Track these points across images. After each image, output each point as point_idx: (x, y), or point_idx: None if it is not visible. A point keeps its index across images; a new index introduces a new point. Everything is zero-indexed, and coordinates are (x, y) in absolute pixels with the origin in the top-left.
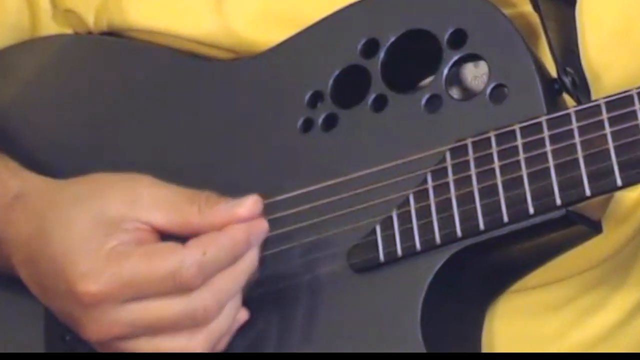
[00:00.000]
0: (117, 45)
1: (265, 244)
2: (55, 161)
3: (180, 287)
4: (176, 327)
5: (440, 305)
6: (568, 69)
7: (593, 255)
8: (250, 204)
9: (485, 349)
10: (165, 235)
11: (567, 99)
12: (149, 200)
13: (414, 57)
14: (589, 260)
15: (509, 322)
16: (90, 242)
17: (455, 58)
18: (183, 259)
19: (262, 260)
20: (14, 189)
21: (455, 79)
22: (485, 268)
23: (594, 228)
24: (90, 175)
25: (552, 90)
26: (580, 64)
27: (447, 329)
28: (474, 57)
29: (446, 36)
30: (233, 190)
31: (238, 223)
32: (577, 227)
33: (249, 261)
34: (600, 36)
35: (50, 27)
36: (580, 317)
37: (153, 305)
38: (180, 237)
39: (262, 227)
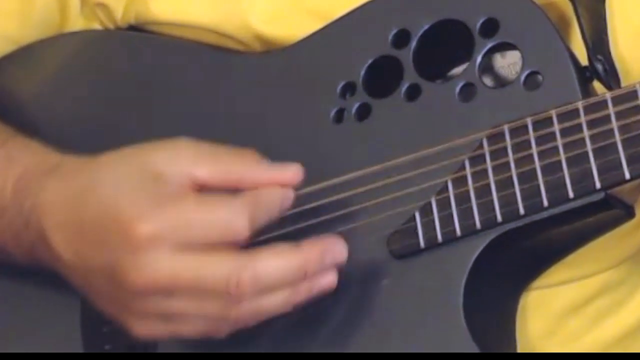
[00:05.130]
0: (145, 40)
1: (306, 233)
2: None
3: (231, 239)
4: (213, 293)
5: (481, 289)
6: (599, 56)
7: (614, 255)
8: (294, 169)
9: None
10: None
11: (598, 87)
12: (192, 154)
13: (446, 47)
14: (610, 260)
15: (535, 320)
16: (142, 190)
17: (489, 46)
18: (236, 210)
19: None
20: (54, 160)
21: (486, 68)
22: (523, 252)
23: (629, 213)
24: None
25: (584, 77)
26: (609, 52)
27: (487, 312)
28: (505, 46)
29: (478, 25)
30: None
31: (279, 184)
32: (614, 211)
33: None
34: (630, 32)
35: (77, 22)
36: (600, 317)
37: (195, 260)
38: None
39: (291, 196)
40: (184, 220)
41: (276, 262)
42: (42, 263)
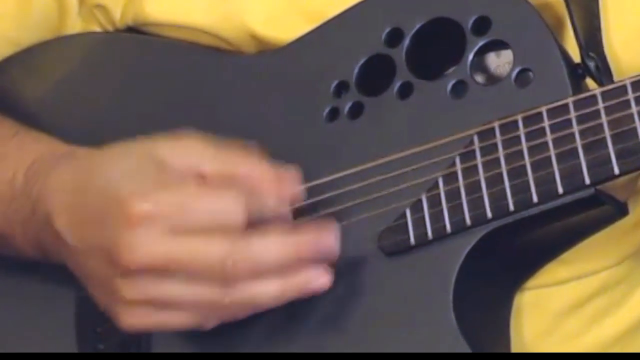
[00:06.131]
0: (144, 43)
1: None
2: None
3: (226, 227)
4: (208, 275)
5: (472, 287)
6: (591, 54)
7: (613, 254)
8: (294, 174)
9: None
10: None
11: (590, 84)
12: (198, 148)
13: (439, 45)
14: (609, 258)
15: (532, 319)
16: (145, 173)
17: (480, 44)
18: (233, 198)
19: None
20: (64, 149)
21: (479, 67)
22: (514, 250)
23: (621, 210)
24: None
25: (576, 74)
26: (602, 50)
27: (479, 311)
28: (497, 44)
29: (470, 23)
30: None
31: (279, 182)
32: (605, 207)
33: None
34: (625, 33)
35: (76, 23)
36: (598, 317)
37: (191, 242)
38: None
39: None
40: (182, 204)
41: (271, 243)
42: (47, 251)
